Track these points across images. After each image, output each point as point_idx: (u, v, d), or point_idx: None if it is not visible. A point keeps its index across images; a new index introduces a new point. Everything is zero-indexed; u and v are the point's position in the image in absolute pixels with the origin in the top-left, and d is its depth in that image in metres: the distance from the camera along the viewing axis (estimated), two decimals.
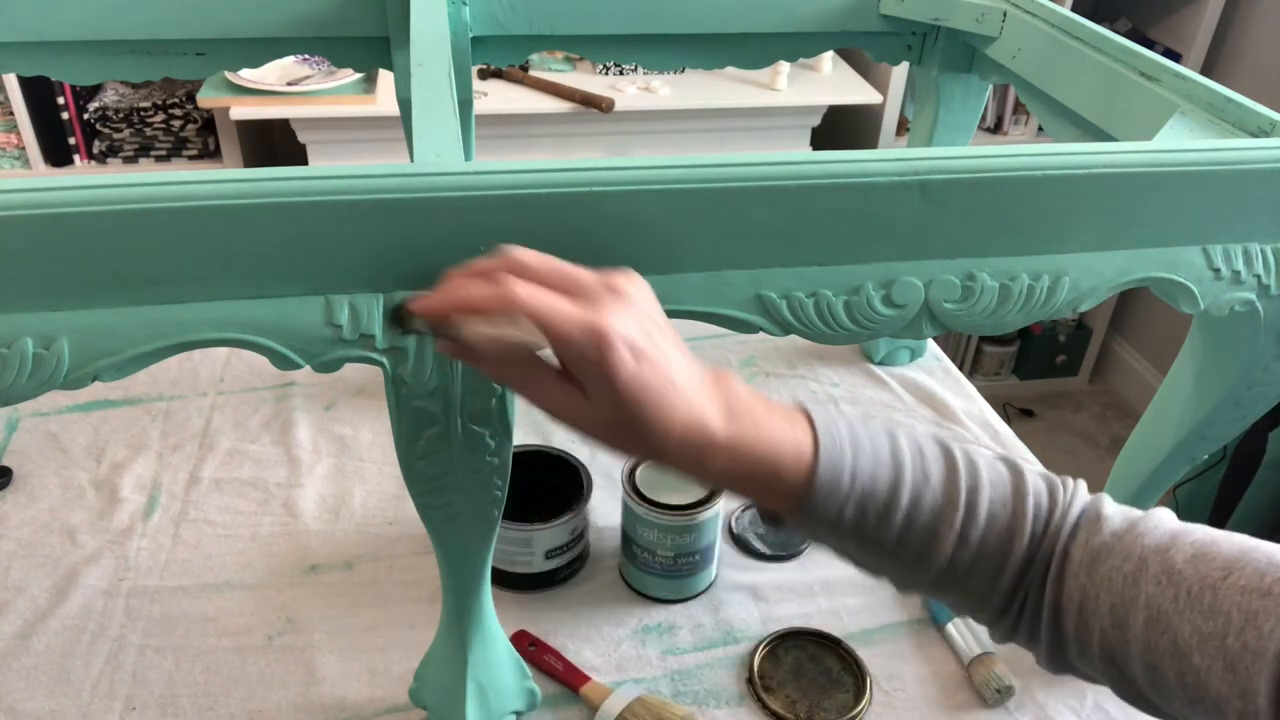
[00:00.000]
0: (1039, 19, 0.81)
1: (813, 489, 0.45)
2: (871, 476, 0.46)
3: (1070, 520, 0.46)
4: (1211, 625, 0.40)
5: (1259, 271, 0.58)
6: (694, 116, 1.99)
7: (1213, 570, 0.42)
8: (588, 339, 0.40)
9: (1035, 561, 0.47)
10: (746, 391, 0.46)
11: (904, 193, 0.50)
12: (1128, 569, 0.44)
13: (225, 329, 0.47)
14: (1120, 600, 0.44)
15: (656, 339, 0.42)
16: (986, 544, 0.46)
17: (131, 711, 0.73)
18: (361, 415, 1.03)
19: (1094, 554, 0.45)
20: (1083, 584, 0.45)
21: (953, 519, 0.46)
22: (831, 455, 0.45)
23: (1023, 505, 0.47)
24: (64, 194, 0.42)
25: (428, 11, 0.75)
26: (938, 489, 0.46)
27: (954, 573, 0.47)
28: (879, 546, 0.47)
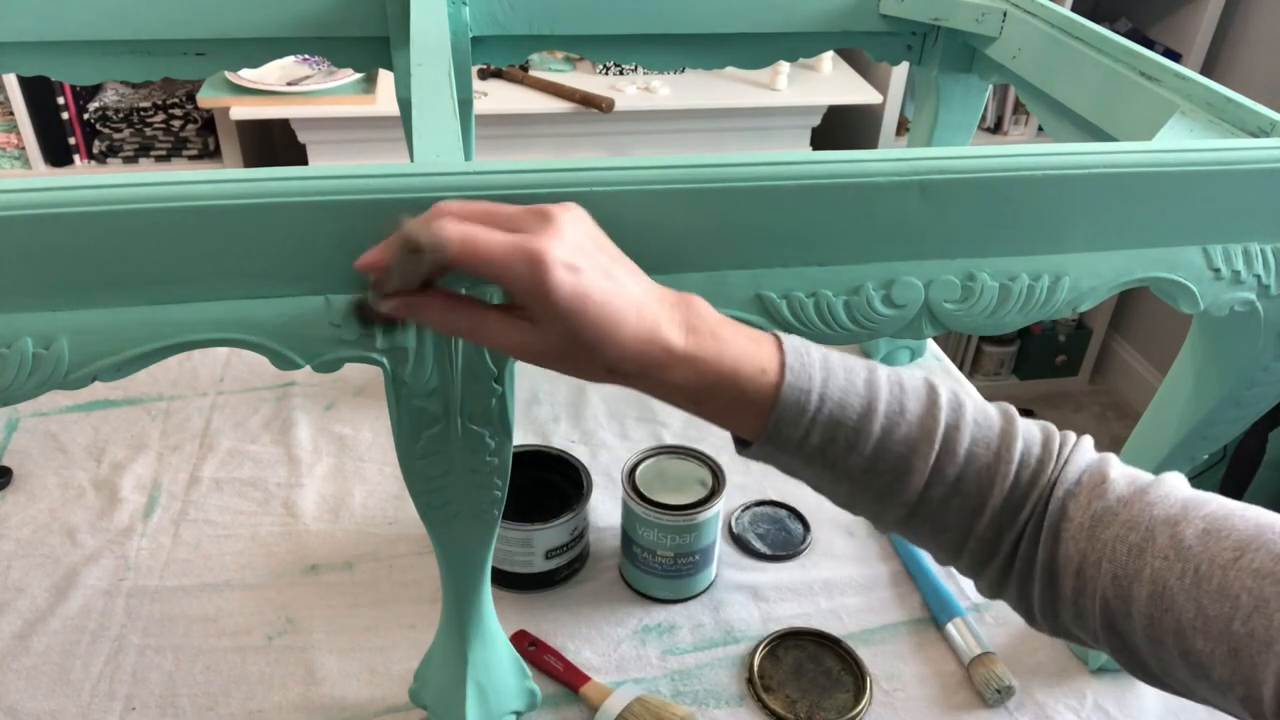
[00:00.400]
0: (1039, 19, 0.81)
1: (777, 408, 0.44)
2: (840, 402, 0.45)
3: (1070, 477, 0.45)
4: (1218, 608, 0.39)
5: (1259, 271, 0.58)
6: (694, 116, 1.99)
7: (1224, 549, 0.40)
8: (522, 262, 0.40)
9: (1022, 512, 0.46)
10: (710, 311, 0.45)
11: (904, 193, 0.50)
12: (1133, 539, 0.42)
13: (225, 329, 0.47)
14: (1123, 571, 0.42)
15: (597, 257, 0.42)
16: (964, 483, 0.45)
17: (131, 711, 0.73)
18: (361, 415, 1.03)
19: (1096, 517, 0.44)
20: (1082, 548, 0.44)
21: (927, 452, 0.45)
22: (798, 375, 0.44)
23: (1009, 450, 0.45)
24: (64, 194, 0.42)
25: (428, 11, 0.75)
26: (913, 420, 0.45)
27: (926, 508, 0.46)
28: (847, 475, 0.46)
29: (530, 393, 1.07)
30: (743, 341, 0.45)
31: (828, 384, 0.45)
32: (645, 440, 1.00)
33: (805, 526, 0.92)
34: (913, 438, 0.45)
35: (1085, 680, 0.78)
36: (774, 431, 0.45)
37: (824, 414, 0.45)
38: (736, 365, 0.44)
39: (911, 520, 0.47)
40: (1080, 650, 0.80)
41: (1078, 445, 0.47)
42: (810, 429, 0.45)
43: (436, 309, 0.44)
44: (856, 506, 0.48)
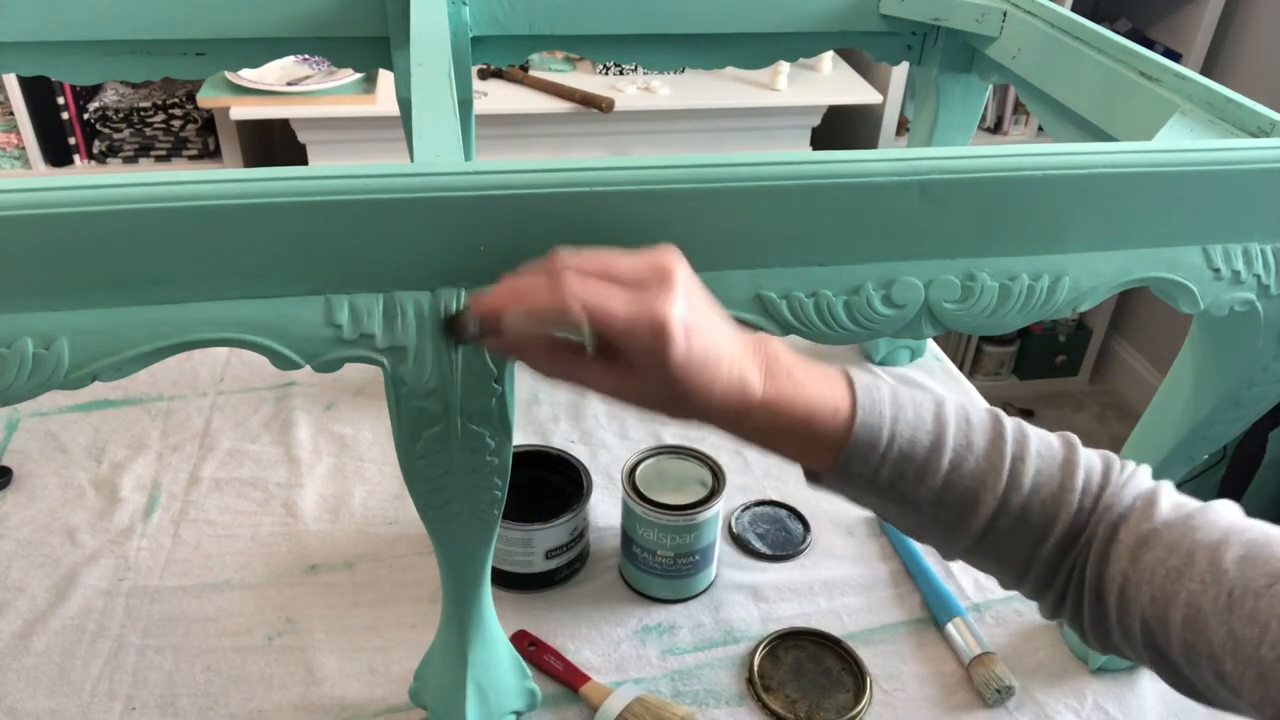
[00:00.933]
0: (1039, 19, 0.81)
1: (849, 446, 0.46)
2: (911, 439, 0.47)
3: (1124, 502, 0.46)
4: (1247, 632, 0.40)
5: (1259, 271, 0.58)
6: (694, 116, 1.99)
7: (1259, 575, 0.41)
8: (645, 329, 0.42)
9: (1082, 538, 0.47)
10: (786, 353, 0.47)
11: (904, 193, 0.50)
12: (1173, 562, 0.43)
13: (225, 329, 0.47)
14: (1161, 593, 0.43)
15: (703, 311, 0.44)
16: (1029, 512, 0.47)
17: (131, 711, 0.73)
18: (361, 415, 1.03)
19: (1140, 540, 0.45)
20: (1125, 569, 0.45)
21: (994, 485, 0.46)
22: (869, 414, 0.46)
23: (1071, 479, 0.47)
24: (64, 194, 0.42)
25: (428, 11, 0.75)
26: (980, 454, 0.47)
27: (993, 538, 0.47)
28: (917, 508, 0.48)
29: (530, 393, 1.07)
30: (817, 382, 0.47)
31: (898, 421, 0.47)
32: (645, 440, 1.00)
33: (805, 526, 0.92)
34: (980, 471, 0.47)
35: (1085, 680, 0.78)
36: (845, 467, 0.47)
37: (894, 450, 0.46)
38: (811, 407, 0.46)
39: (978, 548, 0.48)
40: (1080, 650, 0.80)
41: (1135, 472, 0.48)
42: (881, 465, 0.47)
43: (540, 356, 0.45)
44: (924, 536, 0.50)
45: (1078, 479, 0.47)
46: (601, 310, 0.42)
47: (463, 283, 0.48)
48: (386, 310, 0.48)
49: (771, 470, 0.98)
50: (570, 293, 0.42)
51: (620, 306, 0.42)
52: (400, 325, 0.48)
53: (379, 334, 0.48)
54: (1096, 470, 0.48)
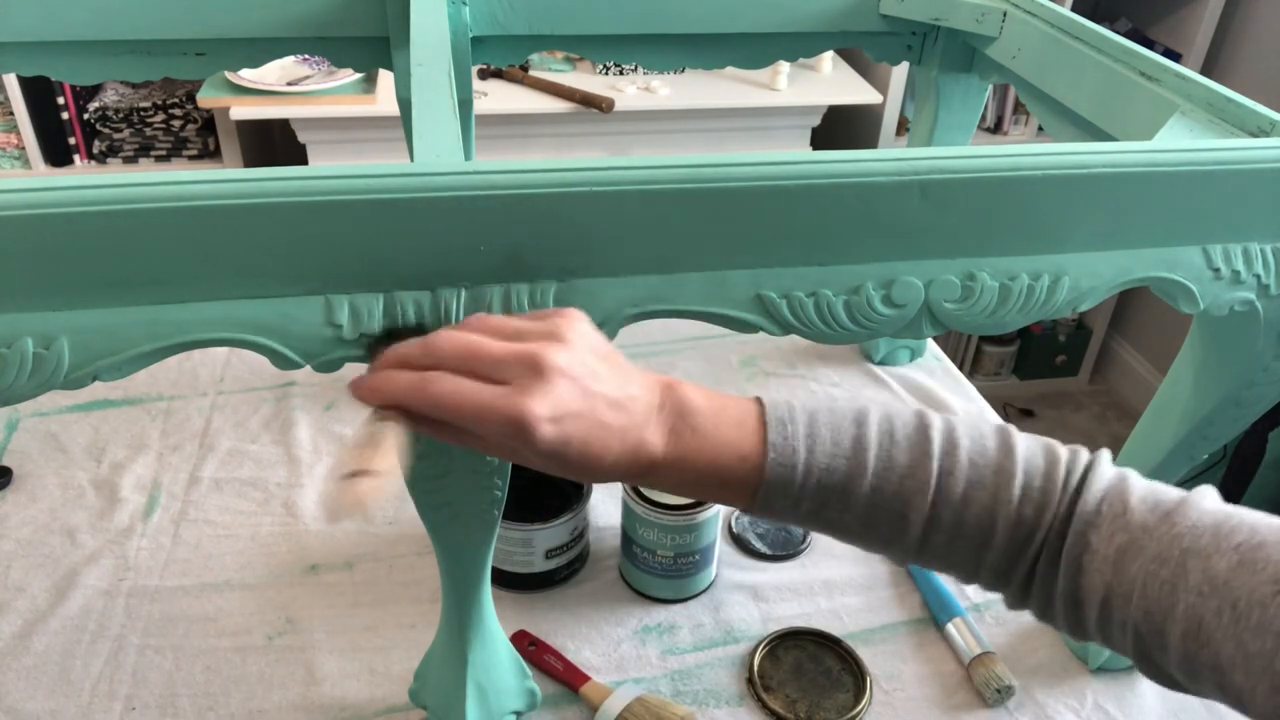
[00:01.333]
0: (1039, 19, 0.81)
1: (762, 489, 0.46)
2: (828, 468, 0.46)
3: (1089, 505, 0.45)
4: (1259, 644, 0.38)
5: (1259, 271, 0.58)
6: (694, 116, 1.99)
7: (1261, 583, 0.39)
8: (507, 425, 0.42)
9: (1032, 544, 0.46)
10: (696, 398, 0.47)
11: (904, 193, 0.50)
12: (1164, 575, 0.42)
13: (225, 329, 0.47)
14: (1156, 607, 0.42)
15: (588, 388, 0.44)
16: (964, 525, 0.46)
17: (131, 711, 0.73)
18: (361, 415, 1.03)
19: (1121, 550, 0.43)
20: (1108, 581, 0.44)
21: (920, 504, 0.46)
22: (781, 452, 0.46)
23: (1006, 489, 0.46)
24: (64, 194, 0.42)
25: (428, 11, 0.75)
26: (903, 473, 0.46)
27: (930, 550, 0.47)
28: (846, 530, 0.48)
29: None
30: (725, 431, 0.46)
31: (813, 453, 0.46)
32: None
33: None
34: (905, 491, 0.46)
35: (1085, 680, 0.78)
36: (764, 504, 0.47)
37: (811, 483, 0.46)
38: (719, 458, 0.46)
39: (920, 559, 0.48)
40: (1080, 650, 0.80)
41: (1092, 469, 0.46)
42: (800, 498, 0.47)
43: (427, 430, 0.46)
44: (867, 550, 0.50)
45: (1014, 487, 0.46)
46: (459, 408, 0.42)
47: (463, 283, 0.48)
48: (386, 310, 0.48)
49: None
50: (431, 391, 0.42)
51: (479, 402, 0.42)
52: (400, 325, 0.48)
53: (379, 334, 0.48)
54: (1037, 473, 0.46)
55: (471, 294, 0.49)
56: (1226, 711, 0.76)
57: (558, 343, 0.43)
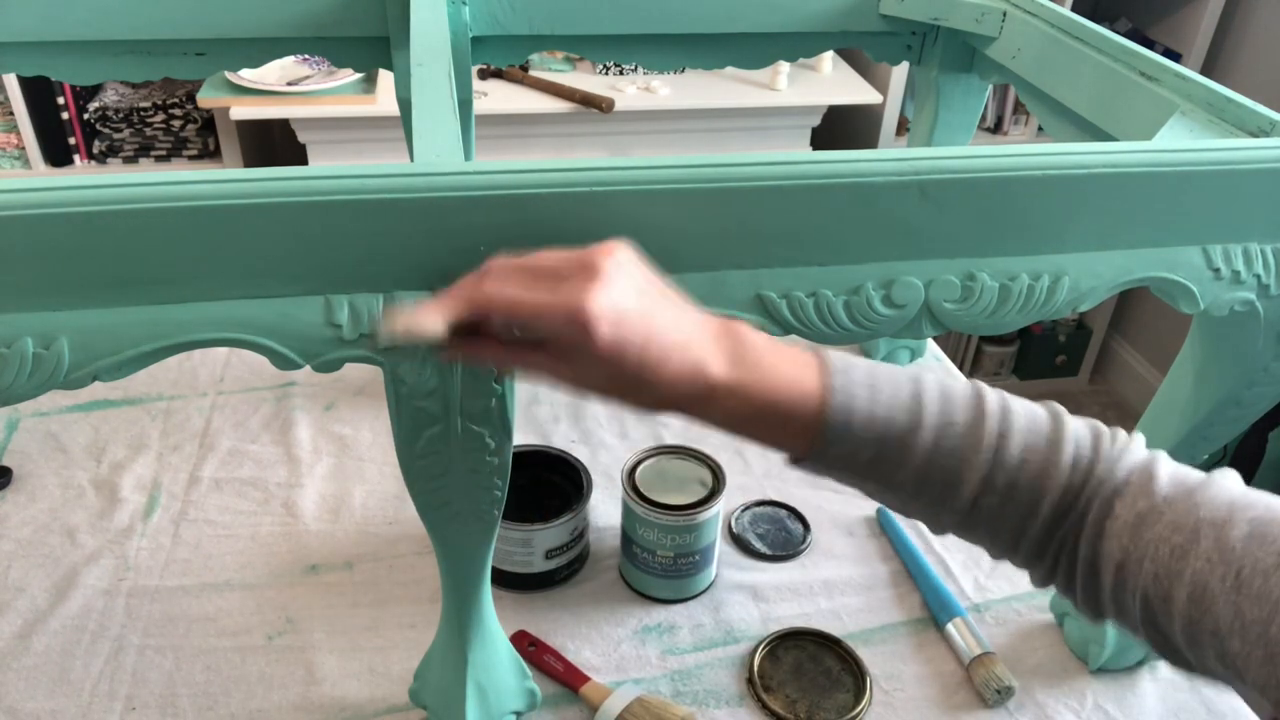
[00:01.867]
0: (1039, 19, 0.81)
1: (822, 431, 0.45)
2: (888, 418, 0.46)
3: (1119, 476, 0.45)
4: (1256, 612, 0.39)
5: (1259, 271, 0.58)
6: (694, 116, 1.99)
7: (1268, 554, 0.40)
8: (560, 317, 0.42)
9: (1073, 512, 0.46)
10: (758, 338, 0.46)
11: (904, 193, 0.50)
12: (1177, 540, 0.42)
13: (225, 329, 0.47)
14: (1165, 571, 0.43)
15: (645, 298, 0.44)
16: (1016, 489, 0.46)
17: (131, 711, 0.73)
18: (361, 415, 1.03)
19: (1141, 516, 0.44)
20: (1125, 545, 0.44)
21: (978, 463, 0.46)
22: (842, 398, 0.45)
23: (1058, 454, 0.46)
24: (64, 194, 0.42)
25: (428, 11, 0.75)
26: (962, 431, 0.46)
27: (980, 515, 0.47)
28: (899, 488, 0.47)
29: (530, 393, 1.07)
30: (786, 367, 0.46)
31: (874, 401, 0.46)
32: (645, 440, 1.00)
33: (805, 526, 0.92)
34: (963, 449, 0.46)
35: (1085, 680, 0.78)
36: (821, 452, 0.46)
37: (871, 432, 0.46)
38: (779, 392, 0.45)
39: (965, 524, 0.48)
40: (1080, 650, 0.80)
41: (1128, 443, 0.47)
42: (858, 447, 0.46)
43: (490, 355, 0.46)
44: (910, 513, 0.49)
45: (1065, 453, 0.46)
46: (511, 302, 0.42)
47: None
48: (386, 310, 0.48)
49: (771, 470, 0.98)
50: (484, 291, 0.43)
51: (531, 298, 0.42)
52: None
53: (379, 334, 0.48)
54: (1085, 443, 0.46)
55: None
56: (1226, 711, 0.77)
57: (612, 254, 0.44)
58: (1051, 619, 0.83)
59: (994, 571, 0.88)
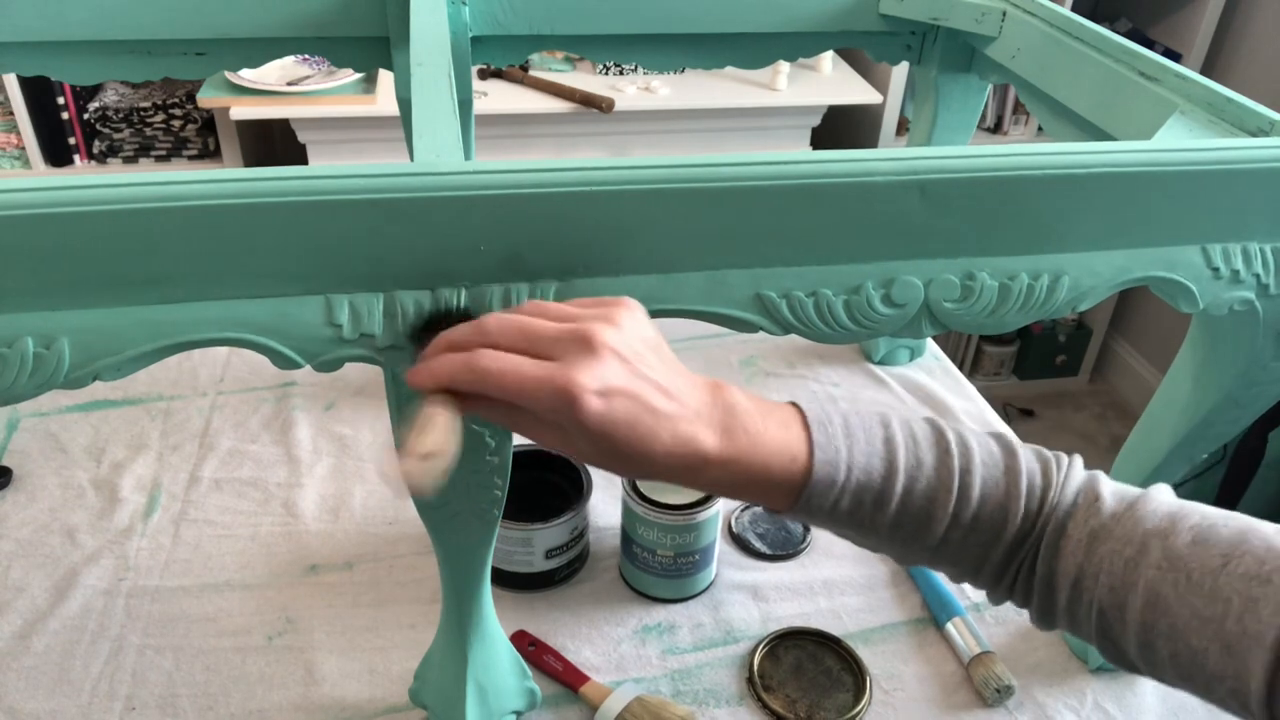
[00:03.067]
0: (1039, 19, 0.81)
1: (808, 489, 0.47)
2: (865, 469, 0.47)
3: (1067, 499, 0.48)
4: (1211, 610, 0.42)
5: (1258, 271, 0.58)
6: (694, 116, 1.99)
7: (1212, 556, 0.44)
8: (554, 398, 0.42)
9: (1030, 537, 0.49)
10: (743, 400, 0.47)
11: (904, 193, 0.50)
12: (1128, 553, 0.45)
13: (225, 329, 0.47)
14: (1120, 583, 0.45)
15: (637, 369, 0.44)
16: (979, 522, 0.48)
17: (131, 711, 0.73)
18: (361, 415, 1.03)
19: (1092, 534, 0.47)
20: (1079, 562, 0.47)
21: (946, 501, 0.48)
22: (826, 454, 0.47)
23: (1015, 486, 0.48)
24: (64, 194, 0.42)
25: (428, 11, 0.75)
26: (930, 474, 0.48)
27: (948, 549, 0.49)
28: (874, 531, 0.49)
29: None
30: (773, 432, 0.47)
31: (853, 453, 0.48)
32: None
33: (805, 526, 0.92)
34: (931, 490, 0.48)
35: (1085, 680, 0.78)
36: (805, 506, 0.48)
37: (851, 484, 0.47)
38: (769, 458, 0.47)
39: (934, 558, 0.50)
40: (1080, 650, 0.80)
41: (1070, 466, 0.50)
42: (839, 498, 0.48)
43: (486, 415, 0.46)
44: (883, 551, 0.51)
45: (1021, 485, 0.48)
46: (501, 379, 0.42)
47: (463, 283, 0.48)
48: (386, 310, 0.48)
49: None
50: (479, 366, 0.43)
51: (519, 374, 0.42)
52: (400, 325, 0.48)
53: (379, 334, 0.48)
54: (1037, 471, 0.49)
55: (471, 294, 0.49)
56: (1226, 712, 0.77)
57: (609, 324, 0.44)
58: None
59: None
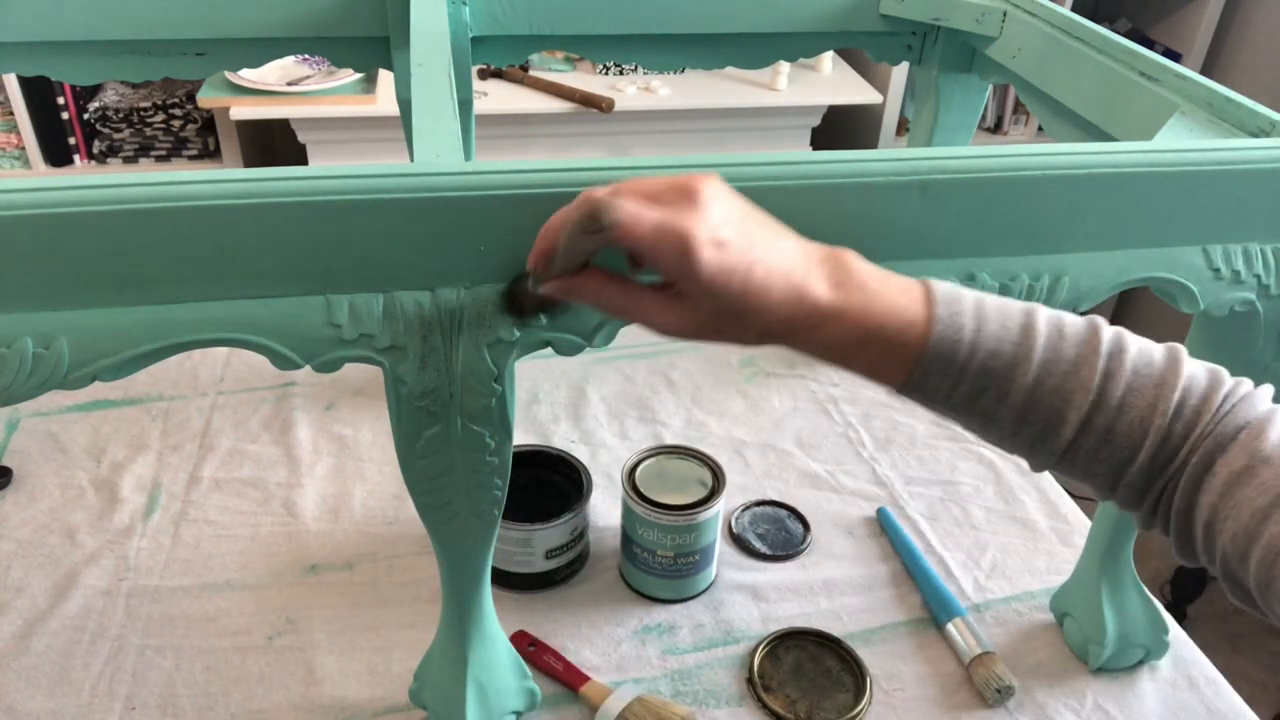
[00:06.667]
0: (1039, 19, 0.81)
1: (924, 359, 0.45)
2: (993, 352, 0.45)
3: (1227, 430, 0.44)
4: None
5: (1259, 271, 0.58)
6: (694, 116, 1.99)
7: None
8: (668, 240, 0.42)
9: (1172, 463, 0.45)
10: (860, 263, 0.45)
11: (904, 193, 0.50)
12: (1260, 503, 0.42)
13: (225, 329, 0.47)
14: (1243, 531, 0.42)
15: (742, 227, 0.43)
16: (1114, 434, 0.45)
17: (131, 711, 0.73)
18: (361, 415, 1.03)
19: (1235, 475, 0.43)
20: (1214, 502, 0.43)
21: (1080, 403, 0.44)
22: (948, 326, 0.44)
23: (1164, 401, 0.44)
24: (64, 194, 0.42)
25: (428, 11, 0.75)
26: (1067, 368, 0.45)
27: (1077, 457, 0.46)
28: (997, 423, 0.46)
29: (530, 393, 1.07)
30: (892, 294, 0.45)
31: (980, 333, 0.44)
32: (645, 440, 1.00)
33: (805, 526, 0.92)
34: (1067, 389, 0.44)
35: (1085, 680, 0.78)
36: (920, 382, 0.45)
37: (974, 364, 0.45)
38: (884, 318, 0.44)
39: (1061, 464, 0.47)
40: (1080, 650, 0.80)
41: (1247, 396, 0.45)
42: (959, 380, 0.45)
43: (595, 289, 0.46)
44: (1008, 448, 0.48)
45: (1171, 400, 0.44)
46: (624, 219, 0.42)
47: (463, 283, 0.48)
48: (386, 310, 0.48)
49: (771, 470, 0.98)
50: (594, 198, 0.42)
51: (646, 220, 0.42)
52: (400, 325, 0.48)
53: (379, 334, 0.48)
54: (1196, 392, 0.45)
55: (471, 294, 0.49)
56: (1227, 711, 0.77)
57: (709, 179, 0.44)
58: (1051, 619, 0.83)
59: (994, 571, 0.88)
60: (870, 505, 0.94)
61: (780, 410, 1.07)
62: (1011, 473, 0.99)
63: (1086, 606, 0.78)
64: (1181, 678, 0.79)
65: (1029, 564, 0.89)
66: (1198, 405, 0.45)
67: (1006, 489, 0.97)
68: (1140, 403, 0.44)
